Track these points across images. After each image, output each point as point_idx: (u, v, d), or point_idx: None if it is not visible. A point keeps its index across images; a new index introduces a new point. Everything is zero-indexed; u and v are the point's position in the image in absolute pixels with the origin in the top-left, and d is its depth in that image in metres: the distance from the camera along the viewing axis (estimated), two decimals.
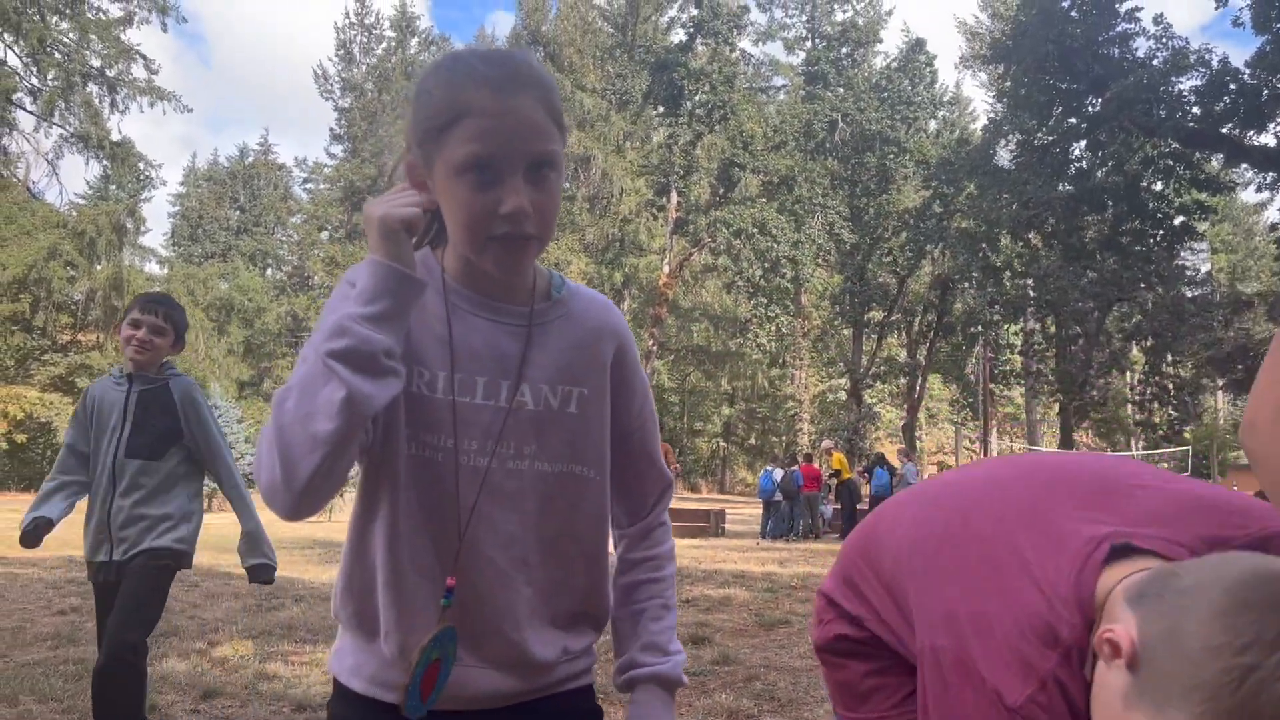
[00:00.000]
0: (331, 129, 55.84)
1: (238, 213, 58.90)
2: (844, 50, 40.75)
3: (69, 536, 13.79)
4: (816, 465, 19.67)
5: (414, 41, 57.55)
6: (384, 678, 1.18)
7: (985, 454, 39.58)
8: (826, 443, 21.46)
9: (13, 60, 33.56)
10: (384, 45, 56.51)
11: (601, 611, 1.30)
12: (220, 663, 4.99)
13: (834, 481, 18.96)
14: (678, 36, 42.03)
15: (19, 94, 33.46)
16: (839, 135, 37.19)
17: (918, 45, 38.39)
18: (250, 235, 57.40)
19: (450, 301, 1.20)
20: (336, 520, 18.30)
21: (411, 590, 1.16)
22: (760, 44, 46.62)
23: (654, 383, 42.23)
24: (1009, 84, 31.64)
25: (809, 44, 43.91)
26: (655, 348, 40.47)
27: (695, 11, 39.05)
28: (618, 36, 45.57)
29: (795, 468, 18.37)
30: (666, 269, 39.65)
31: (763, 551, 14.20)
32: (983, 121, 38.86)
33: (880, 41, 42.33)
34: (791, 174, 35.70)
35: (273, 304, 49.09)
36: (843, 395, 43.82)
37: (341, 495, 20.77)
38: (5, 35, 33.09)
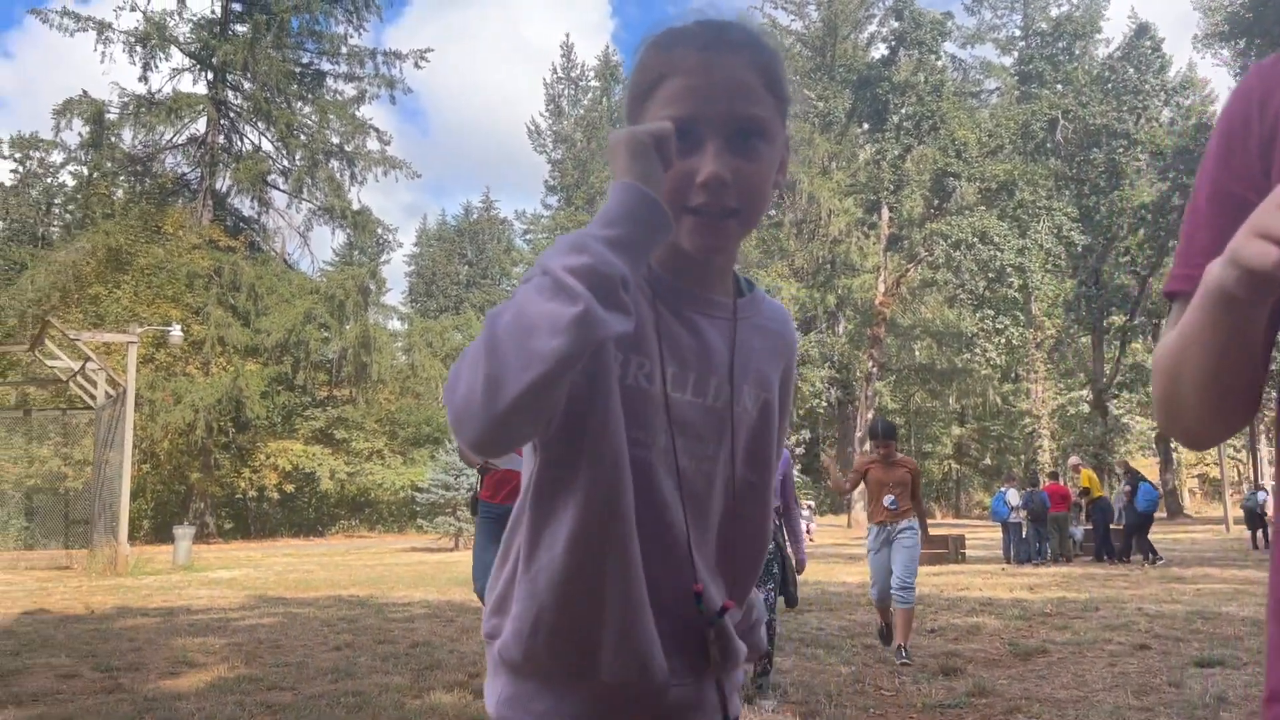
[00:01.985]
0: (546, 181, 58.38)
1: (466, 267, 62.54)
2: (1060, 45, 38.71)
3: (337, 577, 14.83)
4: (1062, 483, 18.51)
5: (618, 89, 59.40)
6: (600, 713, 1.07)
7: (1254, 463, 36.00)
8: (1074, 459, 20.11)
9: (266, 145, 37.28)
10: (590, 95, 58.65)
11: (756, 639, 1.19)
12: (482, 694, 5.22)
13: (1084, 501, 17.75)
14: (879, 51, 41.29)
15: (273, 175, 37.06)
16: (1060, 133, 35.28)
17: (1142, 30, 35.95)
18: (479, 287, 60.76)
19: (656, 289, 1.09)
20: None
21: (644, 612, 1.04)
22: (969, 47, 45.05)
23: (876, 405, 41.19)
24: (1252, 59, 29.03)
25: (1022, 43, 42.02)
26: (875, 369, 39.48)
27: (896, 24, 38.23)
28: (816, 59, 45.25)
29: (1039, 488, 17.35)
30: (882, 287, 38.69)
31: (1009, 577, 13.47)
32: (1224, 102, 35.76)
33: (1099, 32, 39.93)
34: (1011, 178, 34.10)
35: None
36: (1085, 408, 41.12)
37: None
38: (259, 124, 36.80)
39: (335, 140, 37.46)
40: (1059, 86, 36.31)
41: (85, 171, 37.92)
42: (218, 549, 26.89)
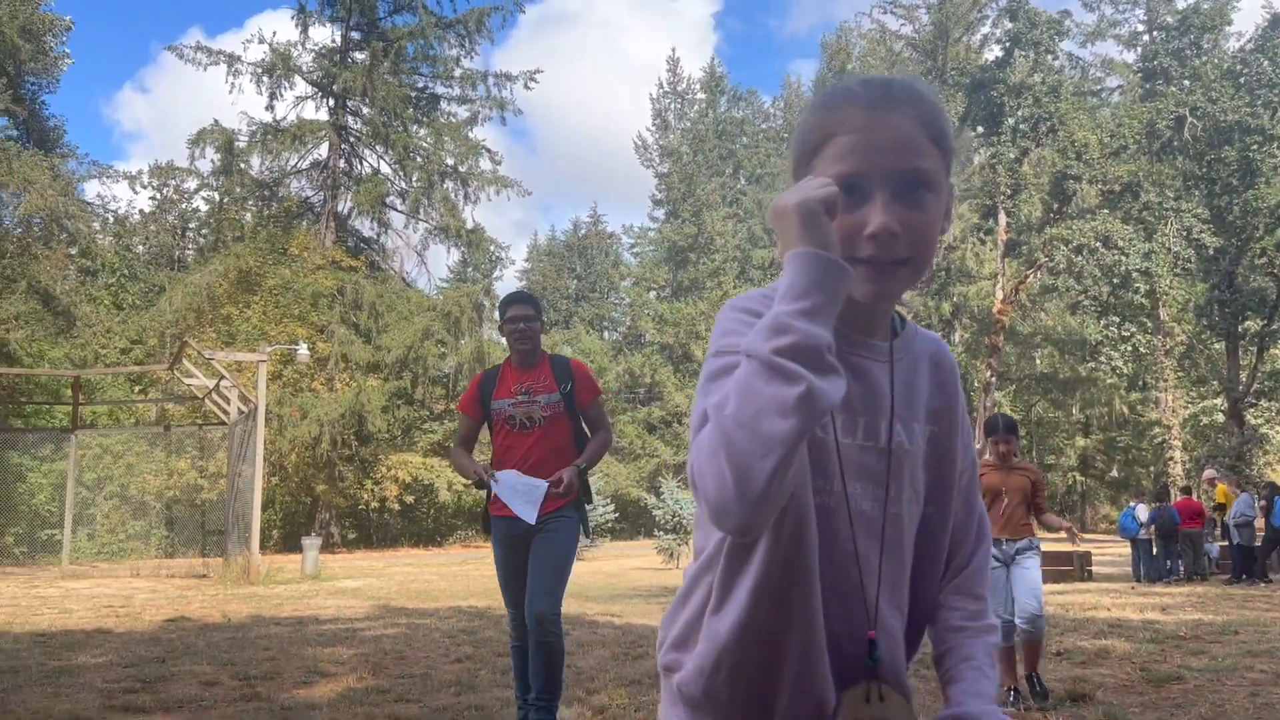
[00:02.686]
0: (652, 195, 58.71)
1: (575, 282, 63.41)
2: (1187, 39, 37.07)
3: (456, 588, 15.16)
4: (1195, 498, 17.69)
5: (723, 100, 59.42)
6: None
7: None
8: (1209, 472, 19.16)
9: (385, 168, 38.56)
10: (696, 108, 58.81)
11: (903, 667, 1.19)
12: (600, 710, 5.31)
13: (1219, 516, 16.92)
14: (992, 53, 40.26)
15: (391, 197, 38.30)
16: (1188, 131, 33.72)
17: (1277, 20, 34.13)
18: (587, 301, 61.50)
19: None
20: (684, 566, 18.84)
21: (822, 656, 1.09)
22: (1088, 45, 43.51)
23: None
24: None
25: (1145, 38, 40.41)
26: (994, 379, 38.40)
27: (1010, 25, 37.23)
28: (927, 63, 44.39)
29: (1168, 502, 16.62)
30: (1000, 294, 37.63)
31: (1139, 597, 12.93)
32: None
33: (1230, 24, 38.08)
34: (1135, 179, 32.78)
35: (611, 364, 52.01)
36: (1220, 417, 39.17)
37: (685, 543, 21.21)
38: (378, 147, 38.10)
39: (450, 161, 38.50)
40: (1186, 82, 34.74)
41: (217, 197, 39.91)
42: (342, 558, 27.83)
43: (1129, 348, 33.58)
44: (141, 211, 45.00)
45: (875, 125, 1.08)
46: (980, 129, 38.26)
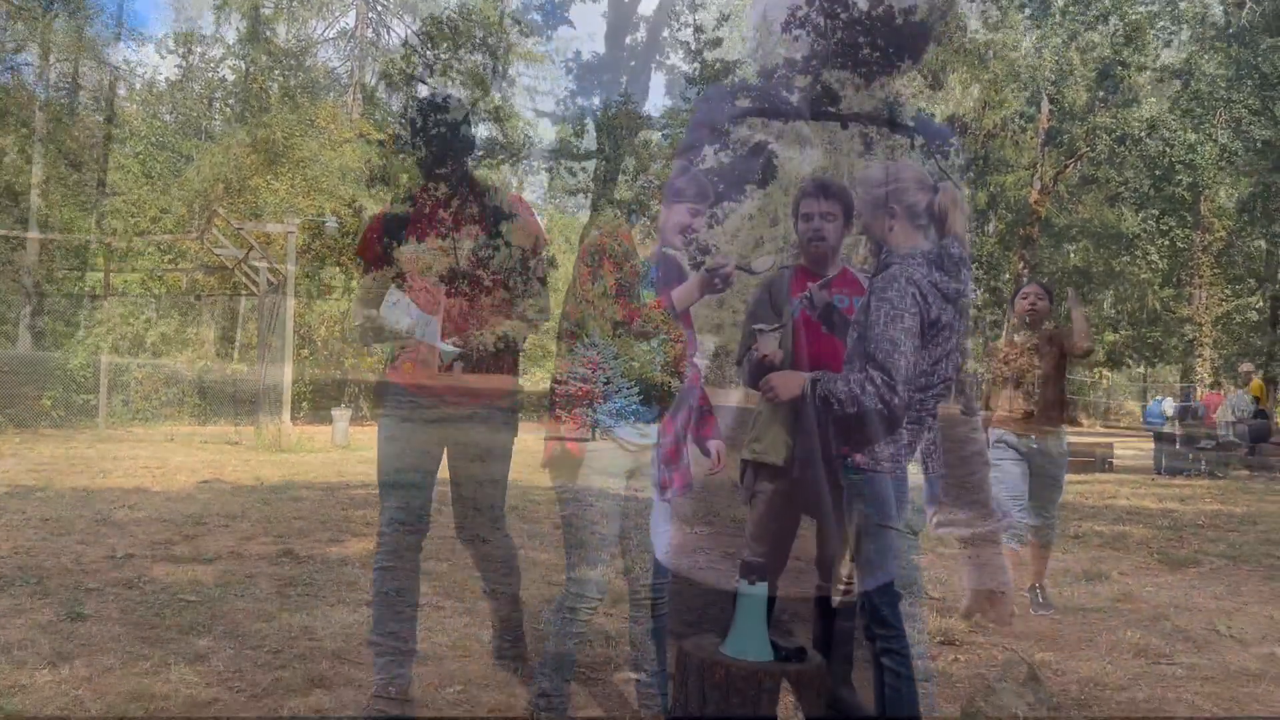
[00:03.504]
0: (687, 74, 57.32)
1: (604, 163, 62.60)
2: None
3: None
4: (1222, 394, 17.59)
5: None
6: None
7: None
8: (1246, 365, 18.96)
9: (413, 39, 37.78)
10: None
11: None
12: (625, 572, 5.43)
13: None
14: None
15: (418, 70, 37.60)
16: (1245, 17, 32.35)
17: None
18: (615, 183, 60.88)
19: None
20: None
21: (815, 460, 1.05)
22: None
23: None
24: None
25: None
26: (1027, 271, 37.87)
27: None
28: None
29: (1194, 398, 16.56)
30: (1038, 185, 36.80)
31: (1159, 488, 13.01)
32: None
33: None
34: (1186, 68, 31.63)
35: (639, 247, 51.71)
36: (1254, 315, 38.64)
37: None
38: (405, 17, 37.28)
39: (479, 34, 37.58)
40: None
41: (243, 66, 39.37)
42: (370, 430, 28.32)
43: (1166, 242, 33.02)
44: (168, 80, 44.50)
45: None
46: (1027, 10, 36.84)
